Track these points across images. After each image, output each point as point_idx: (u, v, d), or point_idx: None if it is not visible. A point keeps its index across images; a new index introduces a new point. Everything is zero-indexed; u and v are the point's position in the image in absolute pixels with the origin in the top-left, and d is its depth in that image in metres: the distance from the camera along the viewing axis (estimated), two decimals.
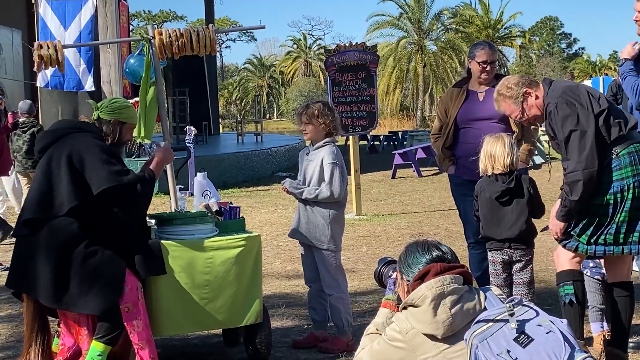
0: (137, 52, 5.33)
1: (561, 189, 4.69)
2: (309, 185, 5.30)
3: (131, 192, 4.41)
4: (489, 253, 5.23)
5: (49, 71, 13.49)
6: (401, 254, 3.29)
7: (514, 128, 5.75)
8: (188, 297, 4.66)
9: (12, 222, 10.28)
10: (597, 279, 5.14)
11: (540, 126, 5.70)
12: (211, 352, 5.44)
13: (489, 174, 5.12)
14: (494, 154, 5.10)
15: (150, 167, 4.68)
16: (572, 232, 4.59)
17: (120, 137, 4.68)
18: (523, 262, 5.13)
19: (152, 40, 5.13)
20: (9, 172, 10.17)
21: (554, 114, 4.51)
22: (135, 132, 5.03)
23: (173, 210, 5.16)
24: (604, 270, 5.02)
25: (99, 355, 4.35)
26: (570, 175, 4.42)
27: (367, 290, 6.92)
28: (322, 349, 5.27)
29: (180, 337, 5.53)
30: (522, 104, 4.71)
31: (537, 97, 4.69)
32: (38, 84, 13.84)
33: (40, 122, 14.08)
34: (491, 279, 5.25)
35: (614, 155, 4.46)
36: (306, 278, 5.50)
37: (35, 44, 5.14)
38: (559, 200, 4.72)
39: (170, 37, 5.12)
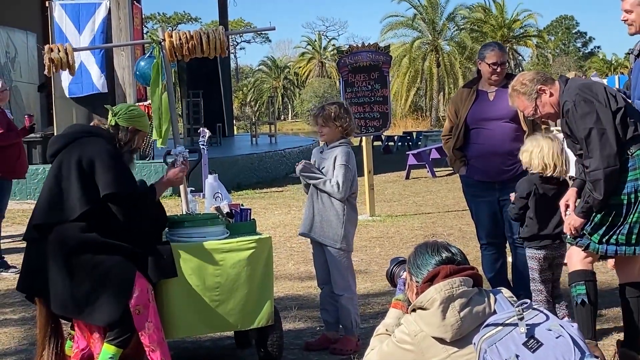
0: (148, 55, 5.34)
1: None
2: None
3: (129, 203, 4.44)
4: (536, 251, 5.22)
5: (69, 78, 13.60)
6: (410, 255, 3.28)
7: (525, 128, 5.72)
8: (199, 300, 4.66)
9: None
10: None
11: (556, 125, 5.67)
12: (223, 354, 5.44)
13: (547, 175, 5.17)
14: (554, 157, 5.16)
15: (156, 183, 4.73)
16: (584, 231, 4.57)
17: (135, 144, 4.72)
18: (561, 258, 5.24)
19: (162, 43, 5.14)
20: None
21: (572, 112, 4.48)
22: (154, 135, 5.09)
23: (184, 213, 5.16)
24: None
25: (111, 357, 4.35)
26: (593, 174, 4.40)
27: (379, 292, 6.90)
28: (334, 350, 5.25)
29: (192, 339, 5.54)
30: (536, 101, 4.70)
31: (551, 95, 4.67)
32: (67, 95, 13.97)
33: (55, 126, 14.16)
34: (535, 275, 5.24)
35: (628, 155, 4.43)
36: (319, 280, 5.49)
37: (46, 47, 5.16)
38: (569, 197, 4.70)
39: (180, 39, 5.13)
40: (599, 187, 4.40)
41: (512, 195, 5.39)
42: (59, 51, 5.05)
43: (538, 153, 5.16)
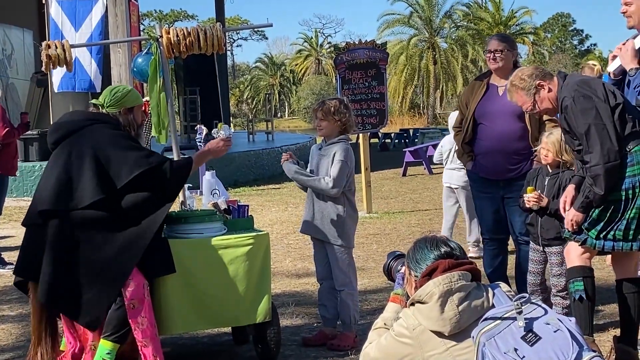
0: (145, 51, 5.33)
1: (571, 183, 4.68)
2: None
3: (161, 175, 4.45)
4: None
5: (61, 73, 13.54)
6: (409, 249, 3.29)
7: (529, 126, 5.66)
8: (197, 295, 4.66)
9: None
10: None
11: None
12: (221, 350, 5.44)
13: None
14: None
15: (195, 154, 4.75)
16: (581, 226, 4.57)
17: (135, 121, 4.73)
18: None
19: (160, 39, 5.13)
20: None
21: (571, 108, 4.48)
22: (153, 131, 5.11)
23: (182, 209, 5.16)
24: None
25: (108, 353, 4.36)
26: (593, 169, 4.40)
27: (377, 288, 6.91)
28: (332, 346, 5.26)
29: (190, 335, 5.54)
30: (534, 96, 4.70)
31: (549, 90, 4.67)
32: (55, 89, 13.90)
33: (51, 122, 14.13)
34: None
35: (627, 151, 4.44)
36: (318, 275, 5.49)
37: (44, 43, 5.15)
38: (569, 192, 4.71)
39: (177, 35, 5.12)
40: (599, 182, 4.39)
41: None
42: (57, 47, 5.04)
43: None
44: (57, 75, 13.66)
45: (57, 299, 4.35)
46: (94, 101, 4.79)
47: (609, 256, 5.30)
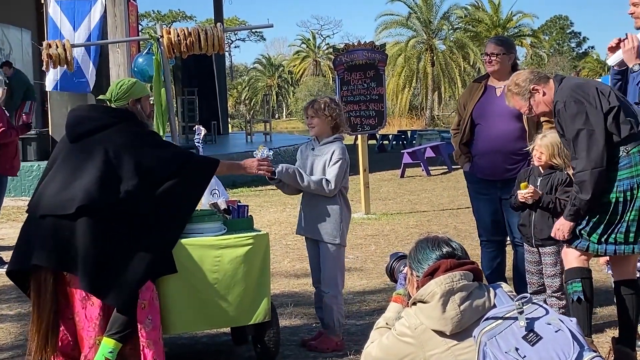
0: (146, 52, 5.35)
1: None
2: None
3: (189, 169, 4.60)
4: None
5: (58, 73, 13.49)
6: (411, 249, 3.30)
7: (526, 127, 5.68)
8: (196, 295, 4.66)
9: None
10: None
11: None
12: (220, 350, 5.44)
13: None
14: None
15: (223, 160, 4.84)
16: (582, 232, 4.57)
17: (144, 111, 4.78)
18: None
19: (161, 39, 5.14)
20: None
21: (562, 112, 4.49)
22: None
23: None
24: None
25: (110, 352, 4.36)
26: (580, 175, 4.40)
27: (375, 289, 6.92)
28: (311, 347, 5.25)
29: (189, 335, 5.54)
30: (530, 100, 4.72)
31: (544, 94, 4.69)
32: (47, 88, 13.86)
33: (50, 123, 14.12)
34: None
35: (624, 153, 4.44)
36: (314, 279, 5.47)
37: (44, 43, 5.17)
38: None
39: (178, 36, 5.14)
40: (585, 188, 4.40)
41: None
42: (57, 47, 5.05)
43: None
44: (53, 75, 13.62)
45: (102, 287, 4.36)
46: (101, 97, 4.80)
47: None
